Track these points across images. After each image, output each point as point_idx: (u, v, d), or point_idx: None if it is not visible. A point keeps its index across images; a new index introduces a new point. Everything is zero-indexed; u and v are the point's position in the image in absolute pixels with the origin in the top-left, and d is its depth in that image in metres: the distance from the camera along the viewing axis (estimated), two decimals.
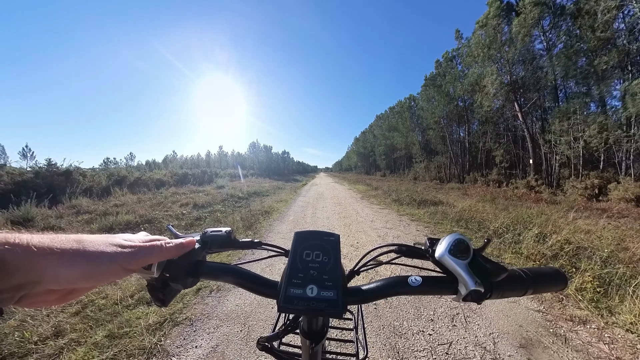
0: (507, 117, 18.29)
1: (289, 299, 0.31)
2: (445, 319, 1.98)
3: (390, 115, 38.86)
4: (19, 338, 1.70)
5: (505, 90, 15.38)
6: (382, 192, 11.08)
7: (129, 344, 1.64)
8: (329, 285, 0.32)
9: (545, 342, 1.73)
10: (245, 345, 1.72)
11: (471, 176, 19.50)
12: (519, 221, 4.66)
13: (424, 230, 4.64)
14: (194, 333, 1.84)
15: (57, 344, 1.66)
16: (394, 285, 0.37)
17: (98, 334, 1.75)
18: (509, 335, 1.79)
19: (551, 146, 13.88)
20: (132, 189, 10.61)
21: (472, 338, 1.77)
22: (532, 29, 13.67)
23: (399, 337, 1.79)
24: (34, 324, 1.86)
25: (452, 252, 0.35)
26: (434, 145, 25.77)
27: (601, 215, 6.04)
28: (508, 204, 8.02)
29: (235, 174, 27.21)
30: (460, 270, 0.34)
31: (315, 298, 0.30)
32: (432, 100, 23.76)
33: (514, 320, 1.96)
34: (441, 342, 1.74)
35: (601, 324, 1.90)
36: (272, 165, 55.25)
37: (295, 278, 0.32)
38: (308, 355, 0.39)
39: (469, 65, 18.44)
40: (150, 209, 6.46)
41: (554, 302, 2.23)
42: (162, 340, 1.72)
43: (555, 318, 2.00)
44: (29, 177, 9.23)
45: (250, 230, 4.86)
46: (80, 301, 2.15)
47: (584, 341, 1.73)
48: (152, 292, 0.35)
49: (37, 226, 5.02)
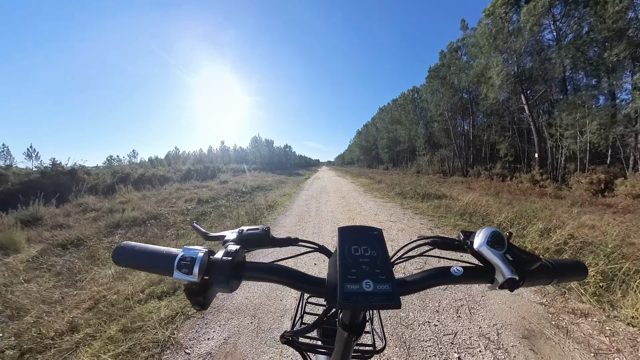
0: (513, 110, 17.90)
1: (347, 295, 0.30)
2: (450, 311, 2.02)
3: (394, 107, 38.28)
4: (36, 334, 1.76)
5: (512, 82, 14.97)
6: (385, 186, 11.06)
7: (143, 338, 1.71)
8: (383, 278, 0.32)
9: (547, 334, 1.76)
10: (256, 336, 1.78)
11: (475, 170, 19.32)
12: (523, 215, 4.64)
13: (427, 224, 4.65)
14: (205, 326, 1.90)
15: (73, 339, 1.72)
16: (438, 275, 0.38)
17: (112, 328, 1.81)
18: (512, 327, 1.83)
19: (557, 140, 13.64)
20: (136, 185, 10.74)
21: (477, 329, 1.81)
22: (542, 17, 13.18)
23: (406, 327, 1.83)
24: (50, 320, 1.93)
25: (490, 243, 0.37)
26: (438, 139, 25.43)
27: (606, 211, 5.99)
28: (512, 198, 7.99)
29: (238, 168, 27.27)
30: (498, 259, 0.36)
31: (372, 292, 0.31)
32: (436, 92, 23.28)
33: (517, 312, 1.99)
34: (446, 332, 1.78)
35: (603, 317, 1.91)
36: (274, 159, 55.24)
37: (349, 274, 0.33)
38: (342, 347, 0.38)
39: (474, 56, 17.96)
40: (155, 205, 6.55)
41: (556, 295, 2.24)
42: (174, 334, 1.78)
43: (557, 311, 2.02)
44: (36, 177, 9.39)
45: (255, 224, 4.92)
46: (92, 297, 2.22)
47: (585, 333, 1.75)
48: (191, 296, 0.34)
49: (46, 225, 5.13)
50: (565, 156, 13.57)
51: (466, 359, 1.55)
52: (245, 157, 50.86)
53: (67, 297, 2.31)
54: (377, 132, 47.43)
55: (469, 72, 18.80)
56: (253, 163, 41.85)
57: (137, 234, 4.39)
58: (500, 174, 16.40)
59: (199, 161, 41.64)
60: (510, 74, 14.90)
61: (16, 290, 2.43)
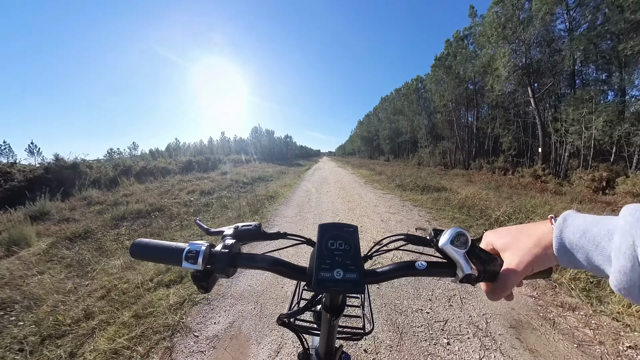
0: (519, 103, 17.53)
1: (321, 281, 0.36)
2: (442, 299, 2.11)
3: (396, 97, 37.56)
4: (54, 322, 1.88)
5: (519, 73, 14.56)
6: (385, 177, 11.07)
7: (154, 322, 1.83)
8: (352, 269, 0.37)
9: (534, 325, 1.85)
10: (259, 321, 1.89)
11: (477, 163, 19.21)
12: (522, 210, 4.69)
13: (425, 216, 4.71)
14: (211, 311, 2.02)
15: (89, 325, 1.84)
16: (403, 268, 0.42)
17: (125, 314, 1.93)
18: (501, 317, 1.92)
19: (562, 135, 13.44)
20: (138, 178, 10.83)
21: (467, 317, 1.91)
22: (555, 6, 12.64)
23: (399, 314, 1.94)
24: (65, 309, 2.04)
25: (453, 242, 0.41)
26: (440, 130, 25.13)
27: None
28: (512, 193, 8.01)
29: (239, 159, 27.26)
30: (459, 257, 0.40)
31: (341, 280, 0.36)
32: (441, 82, 22.73)
33: (507, 304, 2.07)
34: (438, 319, 1.88)
35: (589, 311, 1.99)
36: (275, 150, 55.00)
37: (324, 264, 0.38)
38: (327, 327, 0.45)
39: (481, 45, 17.38)
40: (158, 197, 6.65)
41: (547, 289, 2.32)
42: (183, 318, 1.90)
43: (546, 304, 2.10)
44: (40, 173, 9.49)
45: (257, 215, 5.02)
46: (103, 286, 2.34)
47: (570, 326, 1.83)
48: (197, 281, 0.41)
49: (53, 219, 5.23)
50: (569, 152, 13.43)
51: (455, 344, 1.65)
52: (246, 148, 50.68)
53: (79, 287, 2.43)
54: (378, 123, 46.82)
55: (475, 62, 18.29)
56: (254, 154, 41.75)
57: (142, 225, 4.49)
58: (503, 168, 16.32)
59: (200, 152, 41.60)
60: (517, 65, 14.48)
61: (31, 282, 2.54)
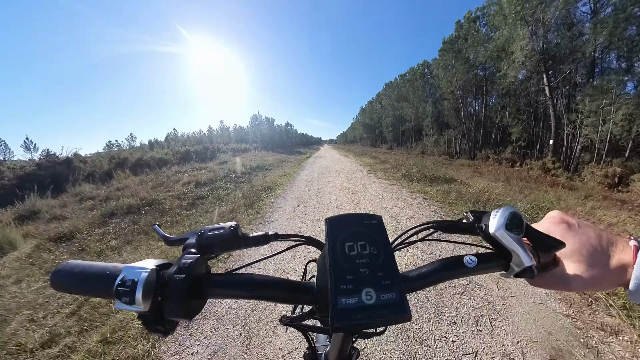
0: (531, 91, 16.67)
1: (343, 313, 0.24)
2: (469, 322, 1.82)
3: (401, 83, 36.18)
4: (16, 346, 1.62)
5: (536, 59, 13.61)
6: (390, 166, 10.70)
7: (122, 351, 1.55)
8: (387, 284, 0.26)
9: (576, 355, 1.57)
10: (246, 353, 1.60)
11: (483, 153, 18.68)
12: (540, 207, 4.41)
13: (438, 211, 4.36)
14: (189, 337, 1.72)
15: (51, 353, 1.57)
16: (449, 267, 0.34)
17: (92, 338, 1.65)
18: (538, 345, 1.64)
19: (576, 127, 12.77)
20: (134, 170, 10.51)
21: (499, 347, 1.63)
22: None
23: (419, 344, 1.64)
24: (31, 328, 1.79)
25: (508, 226, 0.34)
26: (447, 118, 24.31)
27: (621, 207, 5.70)
28: (523, 186, 7.68)
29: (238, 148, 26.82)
30: (516, 245, 0.33)
31: (374, 305, 0.25)
32: (449, 67, 21.61)
33: (542, 326, 1.80)
34: (466, 351, 1.59)
35: (634, 336, 1.71)
36: (275, 138, 54.28)
37: (344, 282, 0.26)
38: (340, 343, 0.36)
39: (496, 27, 16.19)
40: (151, 191, 6.35)
41: (583, 306, 2.04)
42: (155, 347, 1.61)
43: (585, 325, 1.83)
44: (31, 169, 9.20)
45: (252, 209, 4.70)
46: (76, 299, 2.06)
47: (617, 356, 1.57)
48: (147, 325, 0.28)
49: (44, 218, 4.95)
50: (581, 145, 12.85)
51: None
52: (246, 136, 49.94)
53: (50, 300, 2.17)
54: (381, 110, 45.63)
55: (488, 46, 17.18)
56: (254, 142, 41.16)
57: (131, 222, 4.22)
58: (510, 159, 15.83)
59: (199, 142, 40.97)
60: (535, 49, 13.50)
61: (7, 294, 2.32)
